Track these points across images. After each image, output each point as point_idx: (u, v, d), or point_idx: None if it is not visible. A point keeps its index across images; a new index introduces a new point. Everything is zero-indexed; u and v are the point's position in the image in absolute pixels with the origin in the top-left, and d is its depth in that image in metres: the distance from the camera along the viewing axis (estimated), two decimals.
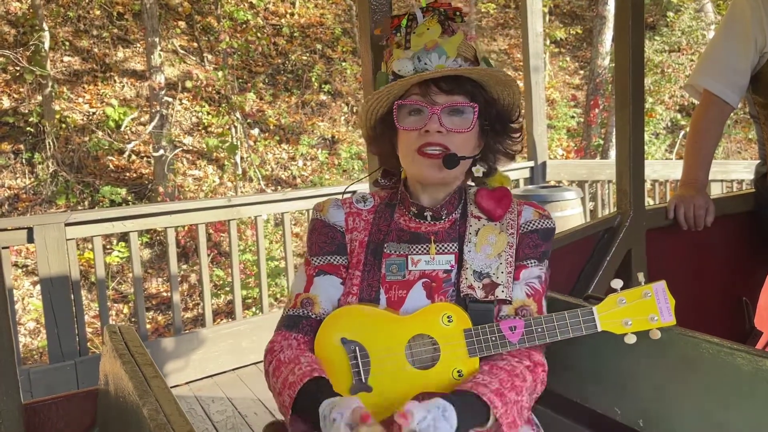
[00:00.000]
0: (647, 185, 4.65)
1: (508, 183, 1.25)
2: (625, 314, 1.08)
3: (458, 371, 1.07)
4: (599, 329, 1.09)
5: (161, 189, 7.48)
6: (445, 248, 1.17)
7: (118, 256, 6.88)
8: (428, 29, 1.15)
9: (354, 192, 1.29)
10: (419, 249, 1.17)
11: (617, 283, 1.12)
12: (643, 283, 1.11)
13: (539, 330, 1.08)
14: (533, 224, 1.19)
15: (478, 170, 1.20)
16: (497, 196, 1.20)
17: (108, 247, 6.77)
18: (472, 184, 1.26)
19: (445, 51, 1.13)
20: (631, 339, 1.09)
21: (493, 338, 1.08)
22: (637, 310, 1.08)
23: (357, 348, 1.09)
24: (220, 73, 8.33)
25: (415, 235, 1.19)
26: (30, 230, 3.09)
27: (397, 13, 1.24)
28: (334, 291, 1.18)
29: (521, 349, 1.11)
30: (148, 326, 5.84)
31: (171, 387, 0.95)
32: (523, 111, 1.26)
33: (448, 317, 1.08)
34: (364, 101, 1.21)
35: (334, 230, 1.21)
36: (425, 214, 1.19)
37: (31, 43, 7.49)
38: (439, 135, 1.12)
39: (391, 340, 1.09)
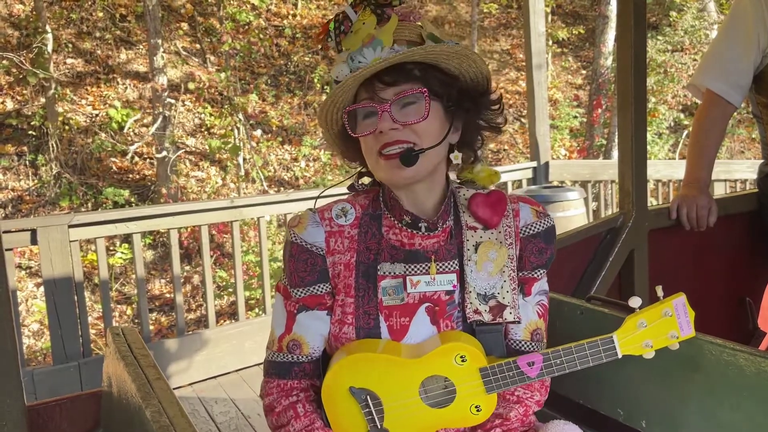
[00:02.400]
0: (650, 185, 4.64)
1: (497, 178, 1.16)
2: (645, 336, 1.04)
3: (476, 407, 1.04)
4: (620, 356, 1.04)
5: (164, 190, 7.49)
6: (446, 267, 1.08)
7: (121, 258, 6.89)
8: (363, 24, 1.04)
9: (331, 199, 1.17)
10: (418, 269, 1.07)
11: (636, 302, 1.05)
12: (662, 298, 1.05)
13: (558, 362, 1.04)
14: (534, 227, 1.11)
15: (457, 156, 1.09)
16: (492, 202, 1.10)
17: (111, 248, 6.78)
18: (458, 181, 1.17)
19: (380, 41, 1.02)
20: (649, 355, 1.06)
21: (511, 374, 1.03)
22: (658, 330, 1.04)
23: (368, 396, 1.03)
24: (222, 75, 8.35)
25: (412, 253, 1.08)
26: (33, 232, 3.10)
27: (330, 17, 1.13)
28: (321, 325, 1.09)
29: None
30: (151, 327, 5.86)
31: (174, 388, 0.95)
32: (492, 81, 1.15)
33: (461, 357, 1.02)
34: (318, 113, 1.10)
35: (314, 255, 1.08)
36: (420, 225, 1.07)
37: (34, 45, 7.51)
38: (395, 132, 1.02)
39: (403, 385, 1.03)
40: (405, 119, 1.02)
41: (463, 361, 1.02)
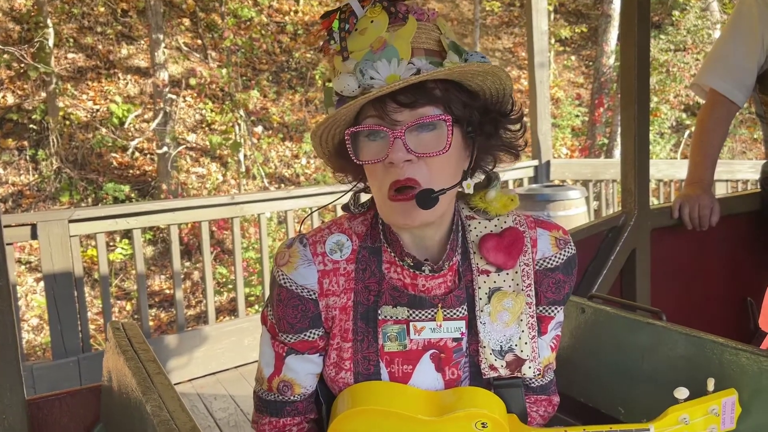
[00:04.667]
0: (651, 185, 4.64)
1: (515, 204, 0.98)
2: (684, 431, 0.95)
3: None
4: None
5: (164, 186, 7.49)
6: (454, 313, 0.96)
7: (121, 253, 6.89)
8: (372, 22, 0.87)
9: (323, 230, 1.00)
10: (422, 315, 0.95)
11: (682, 393, 0.94)
12: (712, 391, 0.96)
13: None
14: (553, 260, 0.98)
15: (469, 186, 0.92)
16: (506, 244, 0.96)
17: (111, 244, 6.78)
18: (469, 208, 1.00)
19: (396, 52, 0.84)
20: None
21: None
22: (700, 426, 0.95)
23: None
24: (224, 71, 8.34)
25: (417, 298, 0.95)
26: (34, 227, 3.10)
27: (330, 9, 0.92)
28: (313, 367, 1.01)
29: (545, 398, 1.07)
30: (151, 323, 5.86)
31: (174, 384, 0.95)
32: (516, 101, 0.98)
33: (482, 424, 0.91)
34: (312, 131, 0.91)
35: (305, 301, 0.95)
36: (423, 268, 0.94)
37: (35, 40, 7.51)
38: (408, 165, 0.85)
39: None
40: (421, 149, 0.85)
41: (483, 427, 0.92)
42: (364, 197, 1.04)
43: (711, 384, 0.96)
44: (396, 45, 0.85)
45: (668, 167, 4.88)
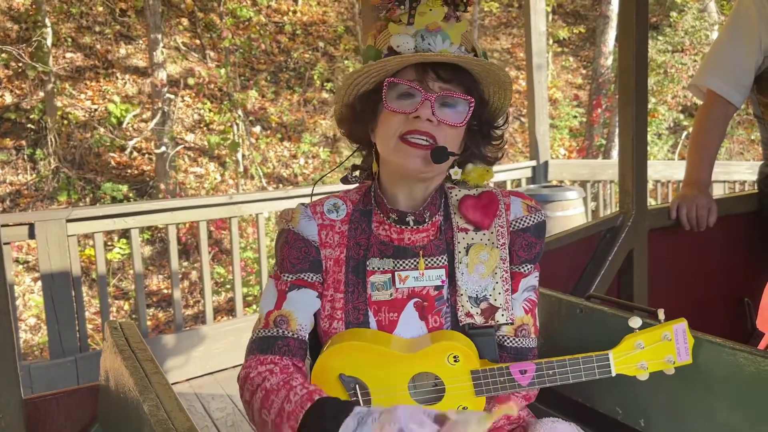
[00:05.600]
0: (649, 186, 4.64)
1: (490, 175, 1.14)
2: (641, 358, 1.04)
3: (464, 407, 1.03)
4: (614, 374, 1.05)
5: (163, 186, 7.48)
6: (434, 262, 1.08)
7: (119, 253, 6.88)
8: (431, 10, 1.03)
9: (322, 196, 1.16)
10: (406, 264, 1.07)
11: (636, 322, 1.05)
12: (662, 321, 1.05)
13: (551, 374, 1.03)
14: (524, 221, 1.10)
15: (457, 173, 1.10)
16: (483, 204, 1.10)
17: (109, 243, 6.77)
18: (451, 181, 1.15)
19: (449, 36, 1.02)
20: (643, 377, 1.06)
21: (502, 380, 1.02)
22: (655, 353, 1.04)
23: (357, 384, 1.02)
24: (222, 71, 8.34)
25: (400, 249, 1.08)
26: (31, 226, 3.09)
27: None
28: (311, 305, 1.08)
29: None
30: (149, 323, 5.86)
31: (171, 384, 0.95)
32: (509, 118, 1.18)
33: (454, 357, 1.01)
34: (347, 74, 1.07)
35: (308, 244, 1.08)
36: (407, 219, 1.08)
37: (33, 39, 7.50)
38: (428, 124, 1.00)
39: (393, 378, 1.03)
40: (443, 118, 1.01)
41: (455, 361, 1.02)
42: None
43: (662, 314, 1.05)
44: (449, 32, 1.02)
45: (666, 168, 4.88)
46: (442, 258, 1.08)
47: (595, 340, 1.26)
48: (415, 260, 1.08)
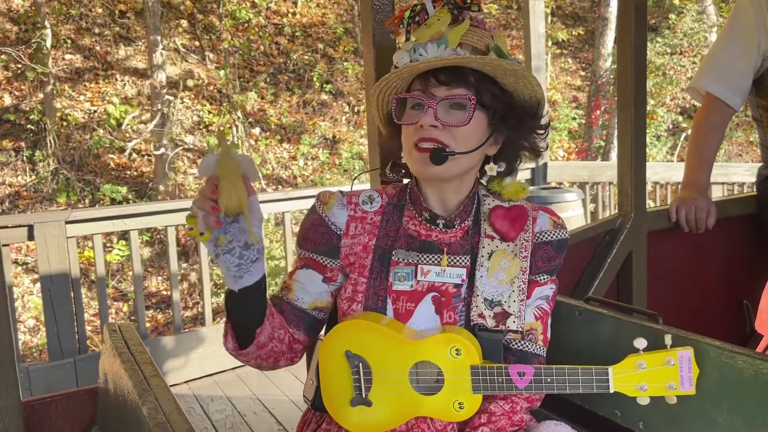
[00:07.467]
0: (648, 187, 4.65)
1: (525, 193, 1.18)
2: (642, 379, 1.02)
3: (459, 403, 1.05)
4: (612, 390, 1.03)
5: (162, 187, 7.48)
6: (457, 261, 1.12)
7: (118, 255, 6.88)
8: (438, 20, 1.08)
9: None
10: (430, 259, 1.12)
11: (641, 343, 1.02)
12: (669, 346, 1.03)
13: (548, 380, 1.04)
14: (548, 234, 1.15)
15: (492, 168, 1.14)
16: (512, 217, 1.14)
17: (108, 245, 6.77)
18: (486, 189, 1.20)
19: (446, 41, 1.06)
20: (643, 401, 1.03)
21: (500, 380, 1.04)
22: (657, 376, 1.01)
23: (361, 363, 1.06)
24: (221, 72, 8.34)
25: (427, 243, 1.13)
26: (30, 228, 3.09)
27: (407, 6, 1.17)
28: (312, 286, 1.14)
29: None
30: (148, 325, 5.85)
31: (170, 386, 0.95)
32: (545, 105, 1.18)
33: (456, 350, 1.03)
34: (370, 96, 1.16)
35: (331, 232, 1.14)
36: (438, 221, 1.13)
37: (33, 40, 7.50)
38: (433, 129, 1.06)
39: (396, 362, 1.05)
40: (447, 120, 1.06)
41: (458, 354, 1.03)
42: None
43: (668, 339, 1.02)
44: (449, 36, 1.06)
45: (665, 170, 4.89)
46: (465, 258, 1.13)
47: (593, 343, 1.26)
48: (439, 256, 1.12)
